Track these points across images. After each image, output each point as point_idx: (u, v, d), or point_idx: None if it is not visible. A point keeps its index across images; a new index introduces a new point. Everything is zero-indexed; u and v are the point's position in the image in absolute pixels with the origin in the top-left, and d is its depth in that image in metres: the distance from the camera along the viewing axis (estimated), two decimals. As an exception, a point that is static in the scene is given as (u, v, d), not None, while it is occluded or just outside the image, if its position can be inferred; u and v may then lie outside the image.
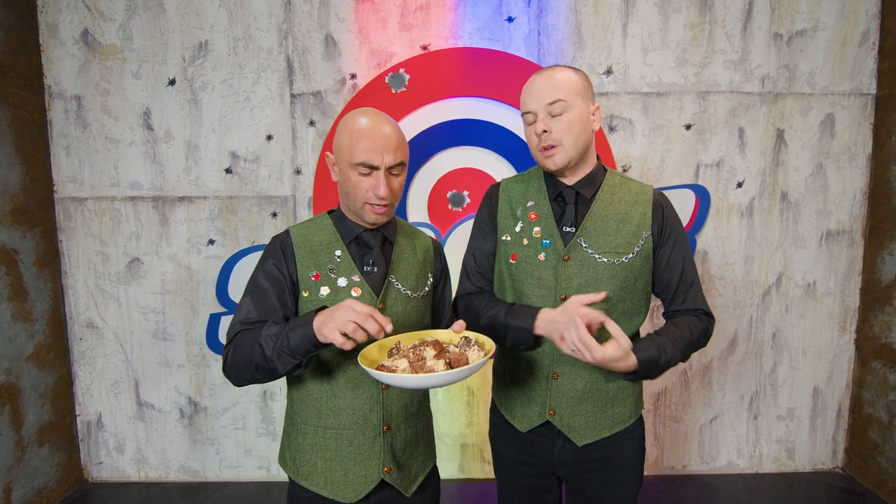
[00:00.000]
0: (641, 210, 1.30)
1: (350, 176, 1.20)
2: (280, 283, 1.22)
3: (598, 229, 1.29)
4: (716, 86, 2.38)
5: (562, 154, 1.26)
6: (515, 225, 1.37)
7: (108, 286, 2.47)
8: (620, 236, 1.29)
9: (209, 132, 2.39)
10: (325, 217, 1.33)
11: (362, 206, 1.22)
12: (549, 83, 1.25)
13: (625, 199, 1.31)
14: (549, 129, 1.24)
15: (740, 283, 2.47)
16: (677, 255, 1.32)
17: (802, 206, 2.43)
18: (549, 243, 1.31)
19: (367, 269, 1.27)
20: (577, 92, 1.25)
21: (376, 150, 1.18)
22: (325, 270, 1.24)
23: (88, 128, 2.39)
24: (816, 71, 2.36)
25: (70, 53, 2.35)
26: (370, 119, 1.21)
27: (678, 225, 1.34)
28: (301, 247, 1.26)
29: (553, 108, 1.24)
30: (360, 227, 1.28)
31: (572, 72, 1.28)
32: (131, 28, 2.34)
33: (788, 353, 2.51)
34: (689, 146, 2.40)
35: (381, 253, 1.29)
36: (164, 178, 2.42)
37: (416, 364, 1.08)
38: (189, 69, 2.36)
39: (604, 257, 1.27)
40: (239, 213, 2.43)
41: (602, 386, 1.32)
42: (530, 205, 1.36)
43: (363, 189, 1.20)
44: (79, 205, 2.43)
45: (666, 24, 2.35)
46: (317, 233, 1.29)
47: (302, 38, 2.35)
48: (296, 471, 1.26)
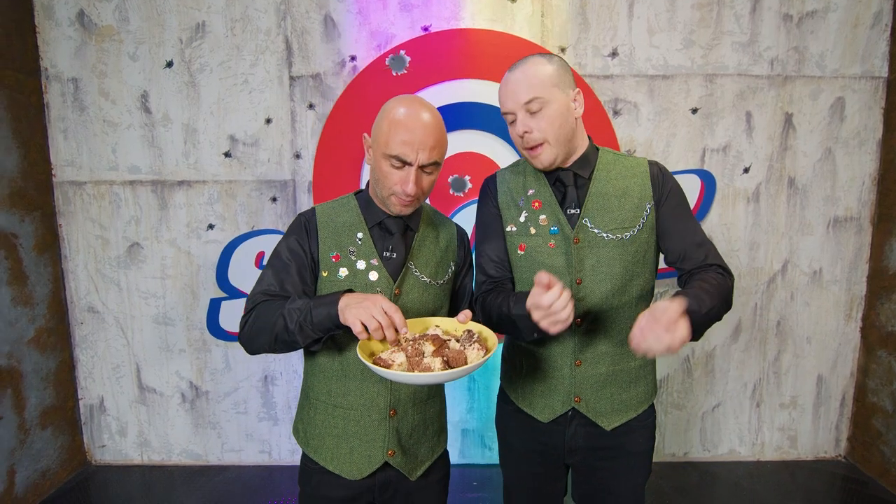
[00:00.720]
0: (640, 182, 1.28)
1: (382, 165, 1.19)
2: (301, 260, 1.24)
3: (600, 207, 1.27)
4: (723, 68, 2.32)
5: (547, 152, 1.24)
6: (519, 215, 1.35)
7: (108, 271, 2.46)
8: (624, 211, 1.27)
9: (207, 115, 2.36)
10: (352, 199, 1.33)
11: (389, 197, 1.22)
12: (523, 81, 1.21)
13: (622, 174, 1.29)
14: (529, 129, 1.22)
15: (745, 270, 2.44)
16: (680, 216, 1.29)
17: (810, 192, 2.39)
18: (558, 230, 1.29)
19: (387, 254, 1.28)
20: (553, 84, 1.21)
21: (412, 145, 1.15)
22: (345, 252, 1.25)
23: (86, 111, 2.36)
24: (827, 53, 2.30)
25: (66, 35, 2.31)
26: (412, 111, 1.17)
27: (678, 189, 1.31)
28: (325, 226, 1.27)
29: (530, 107, 1.21)
30: (384, 213, 1.28)
31: (546, 62, 1.23)
32: (127, 9, 2.30)
33: (793, 340, 2.49)
34: (696, 130, 2.36)
35: (401, 239, 1.29)
36: (163, 162, 2.40)
37: (414, 359, 1.07)
38: (186, 51, 2.33)
39: (611, 234, 1.26)
40: (238, 198, 2.41)
41: (625, 367, 1.31)
42: (531, 193, 1.34)
43: (392, 181, 1.19)
44: (77, 189, 2.41)
45: (673, 4, 2.29)
46: (342, 214, 1.30)
47: (301, 18, 2.31)
48: (306, 443, 1.29)
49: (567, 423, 1.33)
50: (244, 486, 2.44)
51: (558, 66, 1.24)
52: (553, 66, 1.23)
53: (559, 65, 1.25)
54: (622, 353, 1.31)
